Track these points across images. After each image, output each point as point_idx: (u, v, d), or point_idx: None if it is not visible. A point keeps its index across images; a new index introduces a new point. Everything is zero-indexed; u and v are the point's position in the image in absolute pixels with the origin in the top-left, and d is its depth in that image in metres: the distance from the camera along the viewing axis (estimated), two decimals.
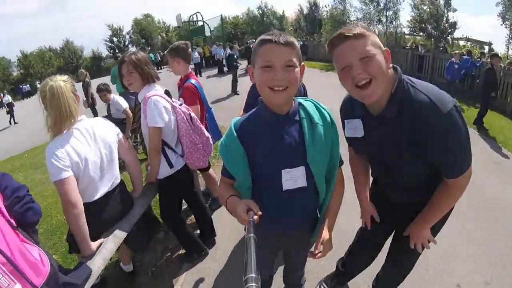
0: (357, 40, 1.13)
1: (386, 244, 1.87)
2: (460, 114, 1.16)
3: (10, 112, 15.40)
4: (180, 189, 2.37)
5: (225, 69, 16.27)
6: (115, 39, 40.59)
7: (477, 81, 10.22)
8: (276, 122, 1.17)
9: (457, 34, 17.89)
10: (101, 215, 1.73)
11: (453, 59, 9.75)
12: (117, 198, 1.82)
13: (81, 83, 7.66)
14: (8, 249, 1.01)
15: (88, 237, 1.57)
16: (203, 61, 19.46)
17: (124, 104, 4.63)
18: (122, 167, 2.07)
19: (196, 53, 16.77)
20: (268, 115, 1.17)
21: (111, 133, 1.83)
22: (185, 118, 2.17)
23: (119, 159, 1.91)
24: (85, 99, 7.44)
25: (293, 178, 1.17)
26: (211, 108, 3.24)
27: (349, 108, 1.43)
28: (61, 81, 1.61)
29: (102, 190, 1.73)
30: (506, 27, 11.66)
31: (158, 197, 2.43)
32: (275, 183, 1.18)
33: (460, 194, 1.32)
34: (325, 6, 24.07)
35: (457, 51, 10.15)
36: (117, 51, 38.01)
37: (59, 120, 1.57)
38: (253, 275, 0.61)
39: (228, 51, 15.52)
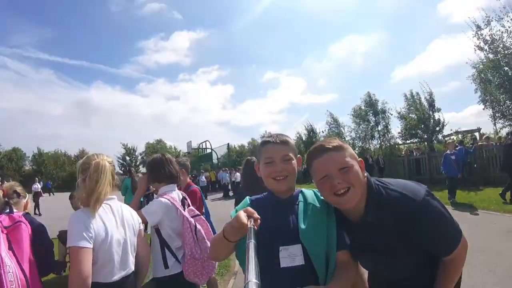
0: (336, 152, 1.21)
1: None
2: (432, 196, 1.24)
3: (36, 201, 14.62)
4: None
5: (231, 193, 17.20)
6: (127, 158, 42.40)
7: (475, 165, 10.58)
8: (278, 205, 1.30)
9: (446, 131, 19.06)
10: None
11: (447, 151, 8.68)
12: (129, 285, 1.74)
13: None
14: None
15: None
16: (210, 186, 20.34)
17: None
18: None
19: (204, 177, 17.74)
20: (272, 199, 1.32)
21: (135, 220, 1.84)
22: (189, 228, 2.16)
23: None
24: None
25: (290, 256, 1.19)
26: (210, 220, 3.33)
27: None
28: (107, 161, 1.69)
29: (119, 273, 1.65)
30: (487, 108, 12.73)
31: None
32: (273, 260, 1.20)
33: (462, 263, 1.33)
34: (322, 131, 26.58)
35: (449, 141, 10.15)
36: (127, 169, 39.90)
37: (91, 194, 1.57)
38: (254, 280, 0.60)
39: (234, 176, 16.77)
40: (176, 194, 2.26)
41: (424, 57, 62.73)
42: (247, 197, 1.38)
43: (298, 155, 1.36)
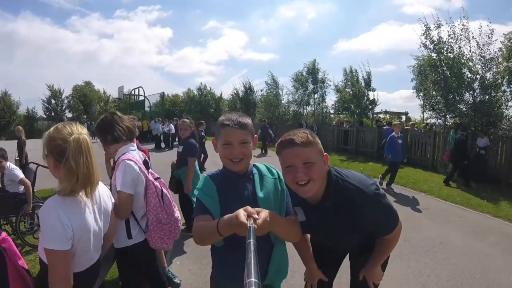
0: (303, 148, 1.33)
1: None
2: (379, 190, 1.48)
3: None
4: (137, 266, 2.16)
5: (163, 144, 16.99)
6: (53, 101, 38.19)
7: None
8: (236, 179, 1.39)
9: (377, 109, 20.89)
10: (89, 283, 1.59)
11: (393, 133, 7.46)
12: (98, 266, 1.67)
13: (16, 140, 7.34)
14: None
15: None
16: (141, 136, 19.52)
17: (20, 174, 4.12)
18: None
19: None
20: (230, 174, 1.40)
21: (111, 203, 1.69)
22: (156, 192, 2.07)
23: None
24: (17, 158, 7.07)
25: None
26: None
27: (291, 194, 1.54)
28: (86, 135, 1.43)
29: (93, 259, 1.57)
30: (419, 98, 14.37)
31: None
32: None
33: (397, 240, 1.62)
34: (260, 90, 27.03)
35: (397, 122, 9.65)
36: (53, 113, 35.22)
37: (85, 182, 1.38)
38: (254, 280, 0.60)
39: (167, 127, 16.33)
40: (137, 154, 2.11)
41: (368, 36, 66.39)
42: (206, 175, 1.43)
43: (255, 135, 1.45)
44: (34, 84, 62.99)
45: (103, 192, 1.61)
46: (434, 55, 11.84)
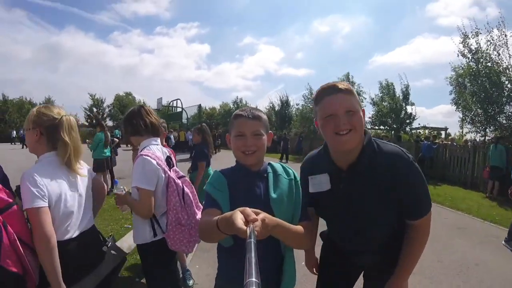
0: (346, 95, 1.28)
1: None
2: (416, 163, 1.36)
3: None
4: (159, 262, 2.09)
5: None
6: (94, 109, 40.07)
7: (436, 162, 11.55)
8: (249, 177, 1.33)
9: (414, 124, 20.07)
10: (73, 254, 1.58)
11: None
12: (91, 240, 1.72)
13: None
14: None
15: (60, 275, 1.44)
16: (177, 146, 19.84)
17: None
18: None
19: (172, 136, 17.44)
20: (243, 171, 1.35)
21: (88, 174, 1.79)
22: (176, 191, 1.97)
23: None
24: None
25: None
26: None
27: (315, 164, 1.52)
28: (71, 117, 1.68)
29: (77, 228, 1.62)
30: (458, 111, 13.64)
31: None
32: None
33: (427, 235, 1.43)
34: (296, 104, 26.76)
35: None
36: (94, 121, 37.22)
37: (76, 153, 1.62)
38: (254, 280, 0.60)
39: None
40: (159, 150, 2.06)
41: (404, 50, 64.62)
42: (218, 171, 1.38)
43: (270, 131, 1.39)
44: (76, 93, 67.84)
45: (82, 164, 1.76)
46: (473, 64, 11.27)
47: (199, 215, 2.04)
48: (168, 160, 2.09)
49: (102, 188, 1.94)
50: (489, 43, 10.80)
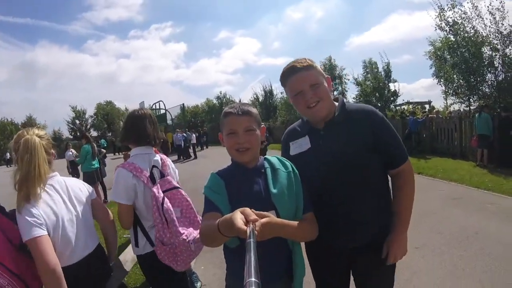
0: (307, 71, 1.38)
1: None
2: None
3: None
4: (158, 271, 1.98)
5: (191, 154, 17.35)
6: (77, 121, 40.02)
7: (424, 135, 11.75)
8: (246, 175, 1.29)
9: (399, 101, 20.34)
10: (80, 279, 1.54)
11: None
12: (95, 262, 1.66)
13: None
14: None
15: None
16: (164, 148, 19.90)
17: None
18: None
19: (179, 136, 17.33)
20: (239, 169, 1.31)
21: (85, 192, 1.72)
22: (156, 206, 1.81)
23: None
24: None
25: None
26: None
27: (293, 131, 1.59)
28: (37, 136, 1.53)
29: (82, 252, 1.58)
30: (440, 85, 13.86)
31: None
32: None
33: (413, 182, 1.50)
34: (281, 93, 26.81)
35: None
36: (78, 133, 36.59)
37: (26, 178, 1.44)
38: (254, 280, 0.59)
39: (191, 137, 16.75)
40: (145, 161, 1.92)
41: (380, 29, 65.27)
42: (214, 173, 1.34)
43: (262, 125, 1.37)
44: (57, 107, 67.28)
45: (71, 183, 1.67)
46: (451, 37, 11.42)
47: (185, 234, 1.85)
48: (154, 171, 1.92)
49: (105, 211, 1.85)
50: (462, 17, 10.96)
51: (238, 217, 0.92)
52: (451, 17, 11.18)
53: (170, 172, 2.03)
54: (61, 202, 1.53)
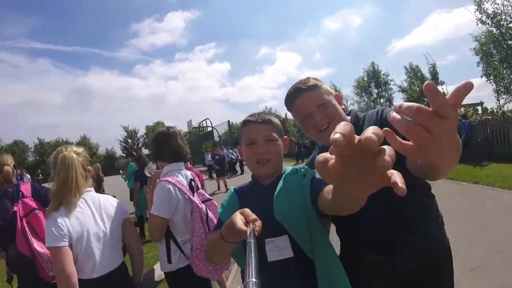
0: (312, 91, 1.26)
1: None
2: None
3: None
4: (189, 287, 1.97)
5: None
6: (129, 140, 43.04)
7: (478, 140, 10.71)
8: (261, 192, 1.19)
9: None
10: None
11: None
12: (117, 280, 1.68)
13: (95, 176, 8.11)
14: None
15: None
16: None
17: None
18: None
19: (210, 156, 17.11)
20: (256, 186, 1.22)
21: (118, 210, 1.76)
22: (200, 217, 1.86)
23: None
24: None
25: (278, 249, 1.09)
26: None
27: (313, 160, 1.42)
28: (74, 153, 1.61)
29: (103, 268, 1.60)
30: (490, 82, 12.66)
31: None
32: (261, 255, 1.05)
33: None
34: None
35: None
36: (130, 151, 40.08)
37: (62, 190, 1.53)
38: (254, 280, 0.59)
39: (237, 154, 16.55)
40: (182, 176, 1.98)
41: (421, 30, 62.37)
42: (232, 188, 1.29)
43: (285, 136, 1.28)
44: (110, 128, 73.14)
45: (105, 200, 1.73)
46: (493, 29, 10.49)
47: None
48: (191, 182, 2.01)
49: (134, 231, 1.92)
50: (505, 5, 10.06)
51: (238, 217, 0.91)
52: (490, 9, 10.34)
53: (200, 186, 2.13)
54: (90, 216, 1.59)
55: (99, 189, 7.82)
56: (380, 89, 22.39)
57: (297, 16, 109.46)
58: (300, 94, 1.28)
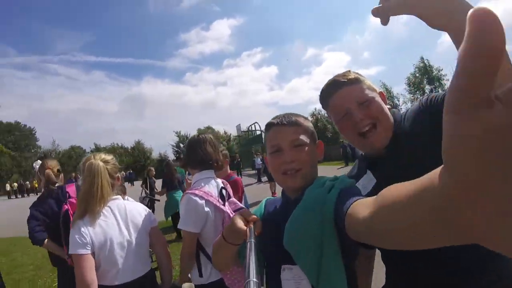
0: (352, 85, 1.02)
1: None
2: None
3: None
4: None
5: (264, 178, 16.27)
6: (181, 145, 45.52)
7: None
8: (286, 208, 0.96)
9: None
10: None
11: None
12: (144, 286, 1.67)
13: (147, 178, 8.00)
14: None
15: None
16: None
17: None
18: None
19: (259, 160, 16.47)
20: (286, 200, 1.02)
21: (145, 219, 1.72)
22: None
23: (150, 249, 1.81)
24: (143, 195, 6.88)
25: (295, 279, 0.89)
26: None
27: (353, 175, 1.18)
28: (102, 161, 1.60)
29: (127, 275, 1.59)
30: None
31: None
32: (274, 283, 0.94)
33: None
34: None
35: None
36: (182, 156, 42.02)
37: (87, 197, 1.53)
38: (254, 280, 0.58)
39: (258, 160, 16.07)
40: (212, 185, 1.88)
41: None
42: (266, 199, 1.15)
43: (318, 140, 1.05)
44: (163, 133, 78.17)
45: (132, 208, 1.69)
46: None
47: None
48: (222, 191, 1.91)
49: (162, 240, 1.88)
50: None
51: (238, 218, 0.91)
52: None
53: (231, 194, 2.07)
54: (114, 225, 1.57)
55: (152, 190, 7.65)
56: (434, 86, 20.61)
57: (341, 14, 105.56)
58: (338, 88, 1.03)
